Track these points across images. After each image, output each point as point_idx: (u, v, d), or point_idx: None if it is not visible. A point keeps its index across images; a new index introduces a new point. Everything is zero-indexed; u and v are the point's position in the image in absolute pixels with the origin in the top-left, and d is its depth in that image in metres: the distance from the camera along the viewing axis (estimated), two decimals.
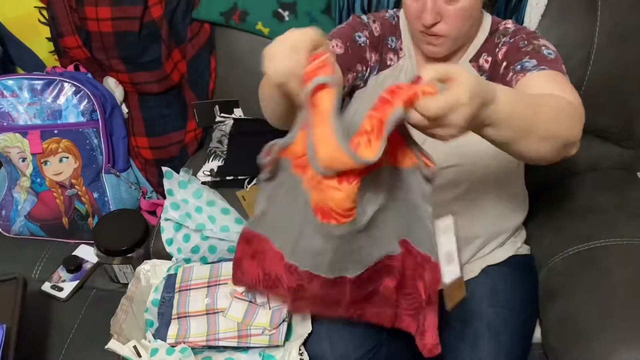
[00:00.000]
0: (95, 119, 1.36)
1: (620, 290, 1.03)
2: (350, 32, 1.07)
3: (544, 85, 0.88)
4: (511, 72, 0.95)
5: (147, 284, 1.19)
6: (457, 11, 0.94)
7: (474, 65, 1.05)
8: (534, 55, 0.94)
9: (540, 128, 0.78)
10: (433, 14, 0.94)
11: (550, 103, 0.82)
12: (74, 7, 1.35)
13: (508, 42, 1.01)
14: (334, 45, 1.04)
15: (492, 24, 1.06)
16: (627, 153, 1.33)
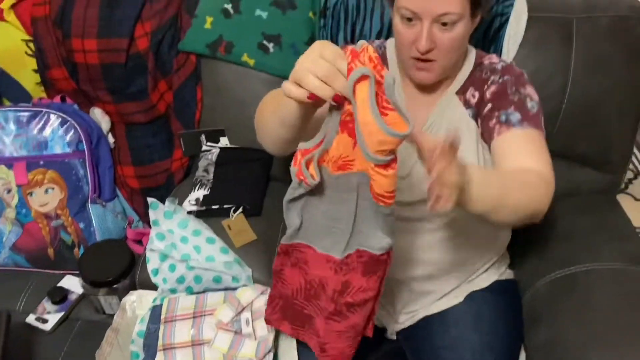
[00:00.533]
0: (81, 149, 1.37)
1: (603, 315, 1.04)
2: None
3: (522, 147, 0.96)
4: (495, 119, 1.00)
5: (133, 314, 1.18)
6: (451, 39, 0.97)
7: (461, 98, 1.07)
8: (518, 107, 0.99)
9: (509, 205, 0.86)
10: (428, 41, 0.96)
11: (520, 179, 0.89)
12: (60, 39, 1.36)
13: (497, 82, 1.04)
14: None
15: (477, 57, 1.09)
16: (605, 177, 1.36)
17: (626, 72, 1.26)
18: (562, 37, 1.25)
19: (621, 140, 1.33)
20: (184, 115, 1.40)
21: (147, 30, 1.35)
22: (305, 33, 1.32)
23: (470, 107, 1.07)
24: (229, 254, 1.18)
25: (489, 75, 1.06)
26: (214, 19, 1.32)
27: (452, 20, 0.95)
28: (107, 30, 1.34)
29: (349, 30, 1.32)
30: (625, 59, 1.26)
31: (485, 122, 1.03)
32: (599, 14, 1.26)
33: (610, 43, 1.25)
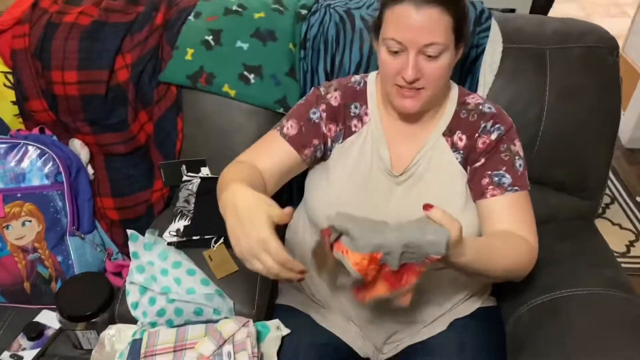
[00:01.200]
0: (60, 181, 1.36)
1: (583, 339, 1.04)
2: (306, 109, 1.13)
3: (512, 213, 1.05)
4: (488, 178, 1.07)
5: (112, 349, 1.16)
6: (437, 69, 1.00)
7: (448, 140, 1.09)
8: (510, 169, 1.06)
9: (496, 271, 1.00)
10: (414, 70, 0.99)
11: (507, 248, 1.01)
12: (40, 71, 1.36)
13: (489, 132, 1.07)
14: (289, 126, 1.12)
15: (460, 95, 1.11)
16: (583, 203, 1.38)
17: (599, 100, 1.30)
18: (537, 68, 1.28)
19: (597, 166, 1.36)
20: (164, 145, 1.40)
21: (128, 62, 1.36)
22: (285, 64, 1.33)
23: (457, 150, 1.09)
24: (210, 285, 1.17)
25: (478, 120, 1.08)
26: (194, 51, 1.33)
27: (438, 51, 0.98)
28: (87, 62, 1.34)
29: (328, 61, 1.34)
30: (598, 88, 1.29)
31: (477, 177, 1.07)
32: (571, 44, 1.30)
33: (582, 72, 1.29)
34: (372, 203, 1.09)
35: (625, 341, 1.03)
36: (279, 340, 1.13)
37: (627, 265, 2.16)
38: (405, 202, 1.09)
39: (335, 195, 1.11)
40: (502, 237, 1.03)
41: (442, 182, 1.08)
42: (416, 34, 0.96)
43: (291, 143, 1.12)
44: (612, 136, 1.35)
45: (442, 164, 1.09)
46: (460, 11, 0.99)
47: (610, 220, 2.38)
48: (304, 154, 1.12)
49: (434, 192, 1.08)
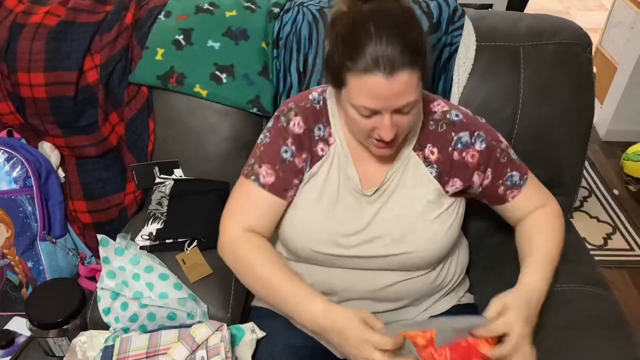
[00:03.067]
0: (29, 185, 1.33)
1: (557, 335, 1.05)
2: (276, 149, 1.08)
3: (533, 199, 1.14)
4: (502, 186, 1.11)
5: (84, 356, 1.14)
6: (410, 120, 0.97)
7: (419, 154, 1.06)
8: (513, 166, 1.11)
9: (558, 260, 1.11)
10: (392, 130, 0.95)
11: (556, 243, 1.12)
12: (5, 73, 1.32)
13: (471, 145, 1.06)
14: (264, 174, 1.07)
15: (425, 106, 1.07)
16: (558, 199, 1.37)
17: (573, 96, 1.30)
18: (510, 65, 1.28)
19: (571, 162, 1.36)
20: (136, 147, 1.37)
21: (97, 63, 1.33)
22: (258, 63, 1.32)
23: (430, 164, 1.07)
24: (183, 289, 1.15)
25: (448, 131, 1.06)
26: (165, 51, 1.31)
27: (412, 107, 0.95)
28: (55, 63, 1.31)
29: (301, 60, 1.33)
30: (572, 84, 1.30)
31: (492, 189, 1.11)
32: (545, 41, 1.30)
33: (556, 69, 1.29)
34: (341, 224, 1.06)
35: (598, 337, 1.04)
36: (254, 343, 1.12)
37: (604, 258, 2.18)
38: (377, 220, 1.06)
39: (300, 221, 1.08)
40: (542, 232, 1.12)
41: (414, 197, 1.06)
42: (390, 101, 0.92)
43: (272, 192, 1.07)
44: (587, 132, 1.35)
45: (415, 178, 1.06)
46: (422, 54, 0.92)
47: (588, 213, 2.40)
48: (288, 197, 1.08)
49: (406, 208, 1.06)
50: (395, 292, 1.10)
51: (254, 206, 1.08)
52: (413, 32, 0.92)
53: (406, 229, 1.05)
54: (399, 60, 0.89)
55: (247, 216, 1.08)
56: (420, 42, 0.92)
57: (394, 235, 1.05)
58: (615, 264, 2.17)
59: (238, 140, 1.36)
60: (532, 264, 1.07)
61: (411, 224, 1.05)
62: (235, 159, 1.36)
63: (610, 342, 1.03)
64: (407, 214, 1.06)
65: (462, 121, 1.07)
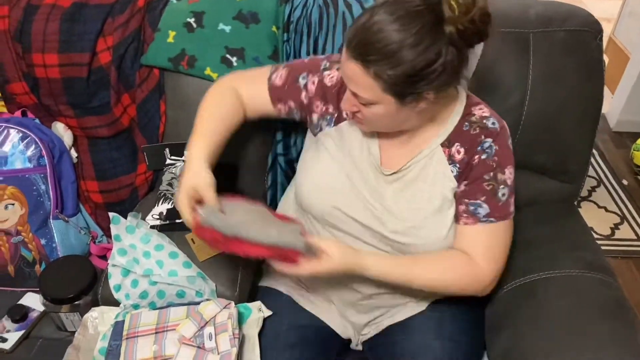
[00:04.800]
0: (42, 164, 1.35)
1: (561, 320, 1.06)
2: (301, 71, 1.13)
3: (477, 243, 1.06)
4: (464, 205, 1.05)
5: (95, 331, 1.17)
6: (371, 113, 0.97)
7: (445, 151, 1.05)
8: (488, 199, 1.04)
9: (420, 285, 1.06)
10: (349, 104, 0.99)
11: (437, 275, 1.05)
12: (20, 54, 1.35)
13: (483, 152, 1.02)
14: (278, 75, 1.15)
15: (467, 106, 1.06)
16: (564, 187, 1.39)
17: (582, 84, 1.29)
18: (520, 52, 1.28)
19: (579, 150, 1.36)
20: (147, 129, 1.39)
21: (110, 45, 1.35)
22: (268, 47, 1.33)
23: (454, 163, 1.05)
24: (192, 268, 1.18)
25: (479, 134, 1.03)
26: (176, 33, 1.32)
27: (365, 102, 0.95)
28: (68, 45, 1.33)
29: (311, 44, 1.34)
30: (581, 72, 1.29)
31: (457, 201, 1.06)
32: (555, 28, 1.29)
33: (566, 56, 1.28)
34: (358, 194, 1.07)
35: (600, 322, 1.04)
36: (260, 321, 1.15)
37: (612, 248, 2.18)
38: (393, 205, 1.06)
39: (324, 179, 1.10)
40: (436, 258, 1.06)
41: (433, 193, 1.05)
42: (346, 78, 0.96)
43: (270, 92, 1.16)
44: (595, 120, 1.35)
45: (436, 174, 1.05)
46: (395, 78, 0.89)
47: (596, 203, 2.40)
48: (277, 108, 1.17)
49: (424, 202, 1.05)
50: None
51: (253, 84, 1.18)
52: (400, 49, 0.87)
53: (419, 223, 1.05)
54: (360, 51, 0.90)
55: (243, 82, 1.18)
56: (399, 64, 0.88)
57: (406, 224, 1.05)
58: (622, 253, 2.17)
59: (247, 123, 1.37)
60: (388, 260, 1.05)
61: (425, 219, 1.04)
62: (243, 143, 1.37)
63: (613, 328, 1.03)
64: (424, 208, 1.05)
65: (495, 129, 1.04)
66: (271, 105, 1.16)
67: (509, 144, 1.06)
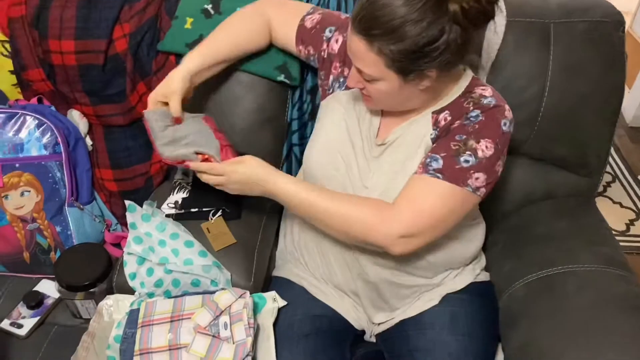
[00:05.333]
0: (58, 152, 1.35)
1: (579, 315, 1.05)
2: (330, 23, 1.16)
3: (413, 189, 1.00)
4: (423, 159, 1.02)
5: (110, 319, 1.17)
6: (375, 90, 0.99)
7: (433, 117, 1.05)
8: (448, 159, 0.98)
9: (322, 221, 1.05)
10: (354, 81, 1.01)
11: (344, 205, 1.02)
12: (37, 40, 1.34)
13: (466, 120, 1.00)
14: (311, 19, 1.18)
15: (470, 85, 1.05)
16: (582, 181, 1.37)
17: (603, 76, 1.27)
18: (540, 42, 1.26)
19: (598, 143, 1.34)
20: None
21: (126, 32, 1.34)
22: None
23: (437, 128, 1.04)
24: (207, 257, 1.18)
25: (470, 107, 1.01)
26: (194, 19, 1.32)
27: (369, 78, 0.97)
28: (85, 32, 1.32)
29: None
30: (602, 63, 1.27)
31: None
32: (576, 18, 1.27)
33: (587, 47, 1.26)
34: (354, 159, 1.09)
35: (619, 318, 1.03)
36: (275, 311, 1.14)
37: (627, 244, 2.16)
38: (379, 173, 1.08)
39: (326, 138, 1.13)
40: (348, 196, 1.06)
41: (409, 155, 1.05)
42: (351, 54, 0.98)
43: (297, 31, 1.19)
44: (615, 113, 1.33)
45: (415, 137, 1.05)
46: (399, 52, 0.90)
47: (611, 199, 2.37)
48: (298, 49, 1.20)
49: (399, 165, 1.06)
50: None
51: (286, 15, 1.21)
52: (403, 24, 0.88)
53: (398, 186, 1.03)
54: (364, 26, 0.91)
55: (278, 13, 1.22)
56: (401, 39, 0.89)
57: (389, 191, 1.04)
58: (637, 250, 2.15)
59: (261, 113, 1.36)
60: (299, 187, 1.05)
61: (403, 182, 1.03)
62: (258, 132, 1.36)
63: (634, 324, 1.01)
64: (401, 171, 1.05)
65: (488, 105, 1.01)
66: (294, 43, 1.20)
67: (500, 122, 1.00)
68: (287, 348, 1.09)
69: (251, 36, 1.21)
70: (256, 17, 1.21)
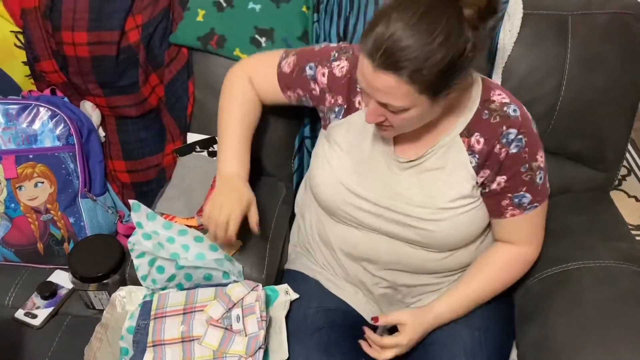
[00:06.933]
0: (71, 143, 1.36)
1: (594, 312, 1.04)
2: (308, 60, 1.12)
3: (523, 229, 1.09)
4: (508, 200, 1.05)
5: (123, 310, 1.17)
6: (402, 119, 0.94)
7: (464, 141, 1.02)
8: (530, 188, 1.04)
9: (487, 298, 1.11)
10: (375, 116, 0.95)
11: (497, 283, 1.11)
12: (50, 31, 1.34)
13: (509, 144, 1.00)
14: (288, 62, 1.14)
15: (484, 92, 1.03)
16: (599, 175, 1.35)
17: (621, 69, 1.25)
18: (557, 35, 1.24)
19: (615, 138, 1.32)
20: (175, 109, 1.38)
21: (139, 23, 1.34)
22: (298, 27, 1.30)
23: (473, 153, 1.02)
24: (218, 251, 1.17)
25: (500, 124, 1.00)
26: (206, 12, 1.31)
27: (398, 110, 0.91)
28: (98, 23, 1.32)
29: (341, 25, 1.31)
30: (621, 57, 1.25)
31: (497, 198, 1.05)
32: (595, 10, 1.25)
33: (605, 40, 1.24)
34: (371, 183, 1.07)
35: (635, 315, 1.02)
36: (287, 304, 1.14)
37: None
38: (408, 194, 1.05)
39: (335, 174, 1.09)
40: (486, 264, 1.11)
41: (450, 183, 1.03)
42: (373, 91, 0.91)
43: (279, 79, 1.16)
44: (634, 108, 1.31)
45: (455, 165, 1.03)
46: (432, 75, 0.86)
47: (627, 193, 2.34)
48: (287, 95, 1.18)
49: (439, 192, 1.04)
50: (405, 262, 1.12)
51: (265, 69, 1.17)
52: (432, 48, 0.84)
53: (433, 212, 1.03)
54: (390, 61, 0.85)
55: (254, 70, 1.19)
56: (434, 63, 0.85)
57: (421, 214, 1.04)
58: None
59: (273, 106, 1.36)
60: (455, 296, 1.10)
61: (440, 209, 1.03)
62: (271, 125, 1.36)
63: None
64: (439, 197, 1.03)
65: (517, 118, 1.00)
66: (281, 92, 1.17)
67: (533, 129, 1.03)
68: (300, 341, 1.09)
69: (255, 108, 1.20)
70: (247, 89, 1.18)
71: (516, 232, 1.09)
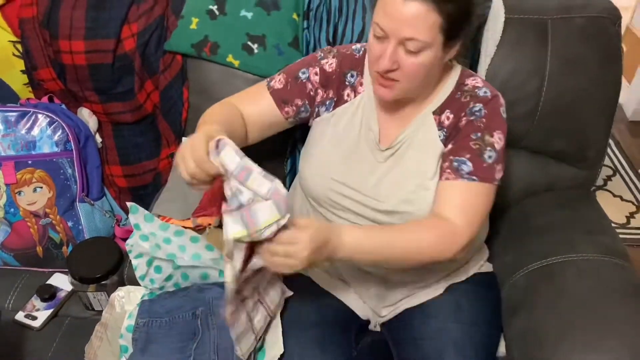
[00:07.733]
0: (69, 149, 1.39)
1: (577, 303, 1.07)
2: (298, 68, 1.15)
3: (456, 198, 1.04)
4: (448, 162, 1.05)
5: (122, 310, 1.20)
6: (415, 65, 0.97)
7: (435, 118, 1.08)
8: (474, 158, 1.03)
9: (397, 258, 1.03)
10: (391, 61, 0.97)
11: (412, 236, 1.02)
12: (48, 40, 1.38)
13: (471, 115, 1.04)
14: (277, 80, 1.16)
15: (460, 77, 1.09)
16: (581, 174, 1.39)
17: (600, 71, 1.29)
18: (538, 38, 1.28)
19: (596, 137, 1.36)
20: (170, 115, 1.42)
21: (134, 31, 1.37)
22: (289, 34, 1.35)
23: (442, 128, 1.07)
24: (214, 250, 1.19)
25: (469, 101, 1.06)
26: (199, 20, 1.35)
27: (418, 47, 0.95)
28: (94, 32, 1.36)
29: (331, 32, 1.35)
30: (600, 58, 1.29)
31: (442, 160, 1.06)
32: (574, 14, 1.29)
33: (584, 43, 1.28)
34: (357, 172, 1.10)
35: (617, 306, 1.05)
36: (282, 301, 1.17)
37: (627, 237, 2.19)
38: (384, 178, 1.09)
39: (321, 163, 1.13)
40: (411, 222, 1.05)
41: (420, 160, 1.08)
42: (398, 25, 0.94)
43: (273, 96, 1.15)
44: (613, 107, 1.35)
45: (425, 141, 1.08)
46: (455, 12, 0.93)
47: (612, 192, 2.39)
48: (285, 111, 1.16)
49: (411, 169, 1.08)
50: None
51: (254, 98, 1.16)
52: None
53: (411, 190, 1.07)
54: None
55: (242, 99, 1.16)
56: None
57: (399, 196, 1.07)
58: (637, 242, 2.17)
59: None
60: (369, 229, 1.04)
61: (416, 185, 1.07)
62: None
63: (629, 310, 1.04)
64: (413, 175, 1.08)
65: (486, 97, 1.06)
66: (277, 110, 1.16)
67: (500, 111, 1.06)
68: (295, 336, 1.12)
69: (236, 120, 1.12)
70: (227, 106, 1.14)
71: (446, 198, 1.04)
